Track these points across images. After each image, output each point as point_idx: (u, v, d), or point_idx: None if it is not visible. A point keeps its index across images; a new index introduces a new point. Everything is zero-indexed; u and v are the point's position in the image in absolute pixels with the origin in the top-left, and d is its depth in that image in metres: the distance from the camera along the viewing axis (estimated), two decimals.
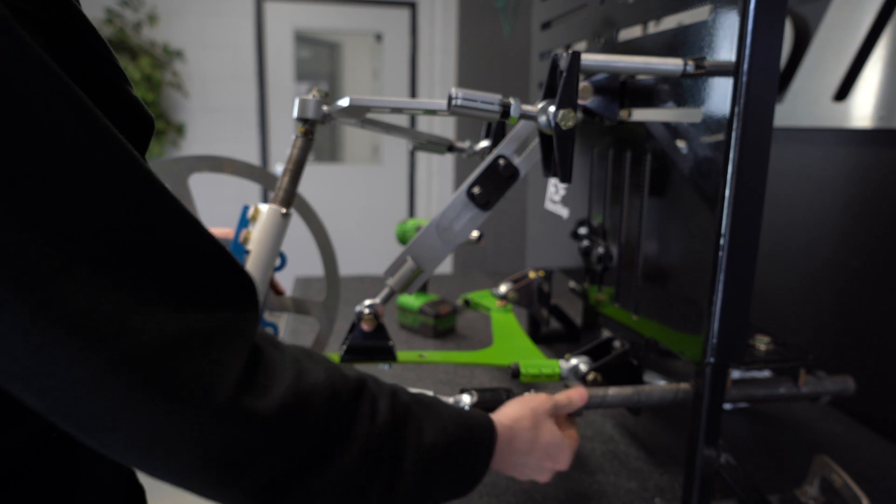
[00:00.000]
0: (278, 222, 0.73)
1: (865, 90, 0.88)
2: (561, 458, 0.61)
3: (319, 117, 0.70)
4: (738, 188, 0.57)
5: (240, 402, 0.36)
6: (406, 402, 0.48)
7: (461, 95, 0.58)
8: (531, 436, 0.59)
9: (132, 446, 0.35)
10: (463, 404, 0.65)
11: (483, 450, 0.53)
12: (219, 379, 0.35)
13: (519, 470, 0.60)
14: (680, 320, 0.65)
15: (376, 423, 0.44)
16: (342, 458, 0.41)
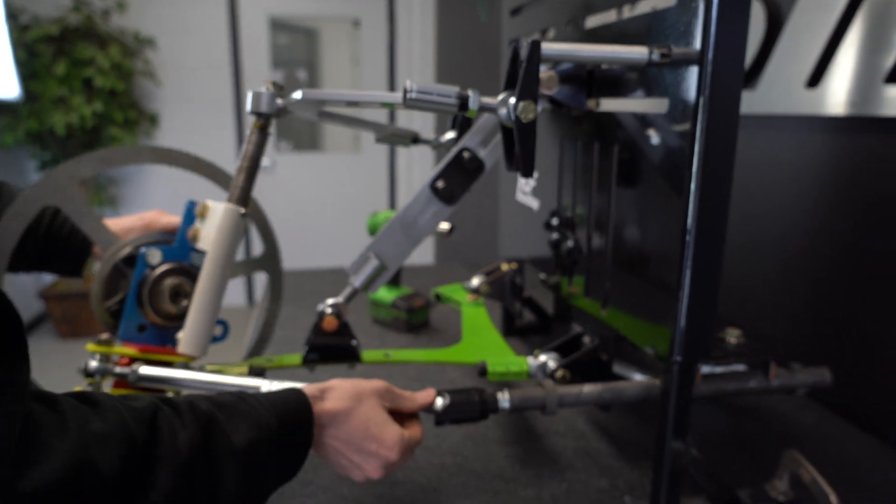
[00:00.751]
0: (237, 222, 0.70)
1: (838, 76, 0.87)
2: (385, 439, 0.57)
3: (274, 111, 0.67)
4: (704, 178, 0.55)
5: (16, 486, 0.34)
6: (206, 412, 0.48)
7: (416, 88, 0.55)
8: (348, 406, 0.57)
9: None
10: (435, 408, 0.62)
11: (302, 429, 0.53)
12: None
13: (340, 450, 0.57)
14: (649, 314, 0.63)
15: (179, 445, 0.43)
16: (154, 491, 0.41)
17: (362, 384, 0.60)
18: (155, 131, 3.55)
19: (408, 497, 0.68)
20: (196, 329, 0.66)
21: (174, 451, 0.43)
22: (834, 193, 0.91)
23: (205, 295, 0.66)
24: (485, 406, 0.63)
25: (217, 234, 0.66)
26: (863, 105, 0.84)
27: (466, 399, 0.62)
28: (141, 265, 0.69)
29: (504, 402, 0.63)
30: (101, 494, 0.38)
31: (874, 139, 0.84)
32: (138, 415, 0.43)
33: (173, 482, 0.42)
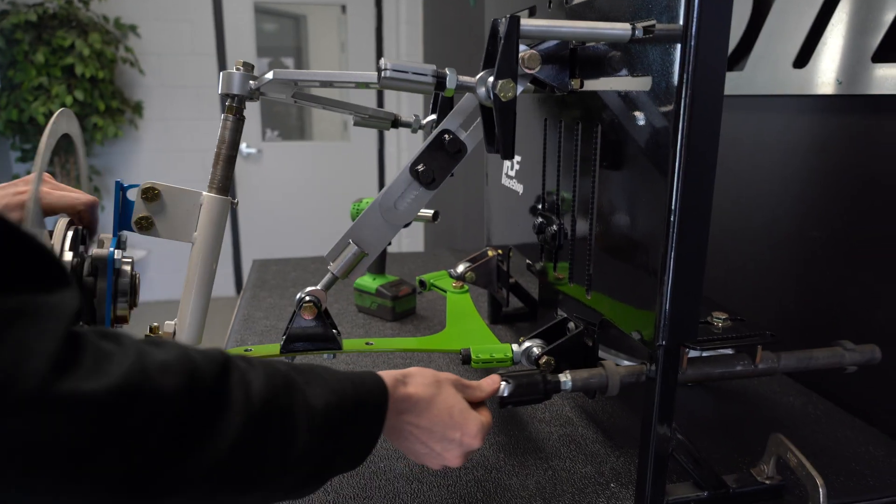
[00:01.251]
0: (224, 211, 0.68)
1: (826, 56, 0.85)
2: (468, 427, 0.56)
3: (246, 92, 0.65)
4: (688, 157, 0.53)
5: (57, 387, 0.32)
6: (283, 372, 0.46)
7: (390, 66, 0.53)
8: (430, 392, 0.56)
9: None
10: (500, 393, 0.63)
11: (376, 405, 0.51)
12: (21, 364, 0.31)
13: (422, 439, 0.56)
14: (633, 298, 0.62)
15: (252, 395, 0.41)
16: (220, 436, 0.38)
17: (439, 373, 0.59)
18: (139, 120, 3.50)
19: (388, 486, 0.66)
20: (194, 320, 0.64)
21: (246, 399, 0.40)
22: (822, 174, 0.89)
23: (201, 286, 0.65)
24: (548, 388, 0.64)
25: (210, 226, 0.64)
26: (849, 84, 0.82)
27: (531, 382, 0.63)
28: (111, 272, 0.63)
29: (566, 383, 0.64)
30: (158, 422, 0.36)
31: (862, 118, 0.83)
32: (209, 356, 0.41)
33: (243, 431, 0.39)
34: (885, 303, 0.81)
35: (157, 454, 0.35)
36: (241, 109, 0.66)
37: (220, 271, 3.96)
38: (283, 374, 0.45)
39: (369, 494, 0.65)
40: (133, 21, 3.35)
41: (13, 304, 0.32)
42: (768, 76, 0.94)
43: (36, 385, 0.31)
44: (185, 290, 0.67)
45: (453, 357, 0.98)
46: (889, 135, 0.79)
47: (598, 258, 0.69)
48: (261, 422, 0.41)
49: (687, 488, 0.64)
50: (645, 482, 0.62)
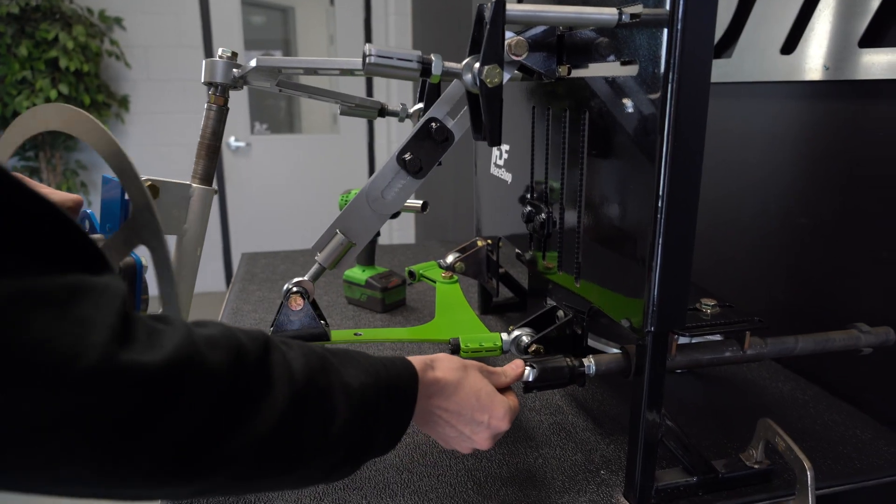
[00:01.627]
0: (208, 201, 0.67)
1: (813, 42, 0.85)
2: (496, 409, 0.58)
3: (230, 80, 0.64)
4: (675, 145, 0.53)
5: (118, 358, 0.32)
6: (319, 353, 0.46)
7: (375, 52, 0.53)
8: (458, 377, 0.57)
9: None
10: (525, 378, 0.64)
11: (407, 387, 0.52)
12: (85, 338, 0.31)
13: (451, 422, 0.57)
14: (622, 285, 0.62)
15: (294, 372, 0.42)
16: (265, 412, 0.39)
17: (465, 359, 0.60)
18: (125, 114, 3.46)
19: (379, 476, 0.66)
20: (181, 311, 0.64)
21: (290, 377, 0.41)
22: (809, 160, 0.90)
23: (185, 278, 0.64)
24: (573, 373, 0.64)
25: (198, 218, 0.64)
26: (836, 70, 0.82)
27: (556, 367, 0.64)
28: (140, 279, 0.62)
29: (590, 367, 0.65)
30: (207, 396, 0.36)
31: (849, 104, 0.83)
32: (252, 335, 0.41)
33: (287, 408, 0.40)
34: (872, 288, 0.82)
35: (206, 428, 0.36)
36: (225, 98, 0.65)
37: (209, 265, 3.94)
38: (318, 354, 0.46)
39: (359, 485, 0.65)
40: (118, 13, 3.31)
41: (73, 281, 0.33)
42: (756, 63, 0.94)
43: (99, 357, 0.31)
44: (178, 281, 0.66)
45: (442, 347, 0.98)
46: (875, 120, 0.80)
47: (587, 246, 0.69)
48: (303, 400, 0.41)
49: (676, 474, 0.65)
50: (635, 468, 0.62)
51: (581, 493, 0.64)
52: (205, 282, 4.00)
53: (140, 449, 0.34)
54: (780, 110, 0.93)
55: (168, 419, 0.34)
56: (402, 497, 0.63)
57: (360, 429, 0.46)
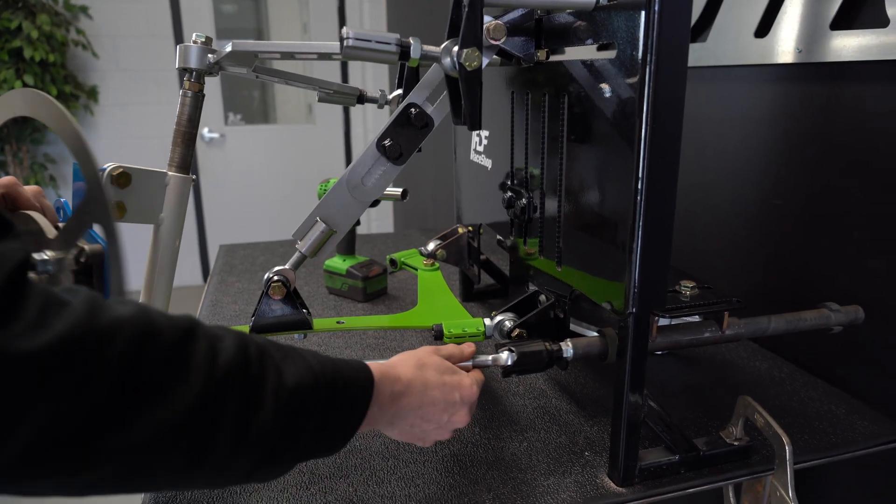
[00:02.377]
0: (186, 190, 0.66)
1: (786, 25, 0.86)
2: (463, 383, 0.58)
3: (205, 66, 0.62)
4: (654, 127, 0.53)
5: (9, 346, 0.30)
6: (261, 345, 0.44)
7: (353, 35, 0.52)
8: (419, 373, 0.56)
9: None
10: (502, 363, 0.64)
11: (358, 390, 0.50)
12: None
13: (428, 415, 0.56)
14: (603, 269, 0.62)
15: (218, 365, 0.39)
16: (171, 402, 0.37)
17: (413, 351, 0.60)
18: (94, 105, 3.38)
19: (364, 464, 0.66)
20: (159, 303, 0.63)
21: (209, 367, 0.39)
22: (784, 142, 0.91)
23: (164, 269, 0.63)
24: (551, 357, 0.65)
25: (176, 207, 0.62)
26: (809, 53, 0.84)
27: (534, 350, 0.64)
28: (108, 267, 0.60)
29: (568, 350, 0.65)
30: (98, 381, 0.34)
31: (821, 86, 0.84)
32: (174, 321, 0.39)
33: (201, 396, 0.38)
34: (845, 266, 0.83)
35: (96, 416, 0.34)
36: (201, 85, 0.64)
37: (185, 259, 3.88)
38: (259, 348, 0.43)
39: (345, 473, 0.65)
40: (83, 2, 3.22)
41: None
42: (730, 46, 0.95)
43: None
44: (149, 273, 0.65)
45: (425, 334, 0.98)
46: (847, 101, 0.81)
47: (568, 231, 0.69)
48: (221, 392, 0.39)
49: (659, 453, 0.66)
50: (618, 449, 0.63)
51: (566, 474, 0.65)
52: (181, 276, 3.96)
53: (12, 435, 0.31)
54: (755, 93, 0.94)
55: (48, 405, 0.32)
56: (388, 483, 0.63)
57: (286, 429, 0.43)
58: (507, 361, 0.64)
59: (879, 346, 0.80)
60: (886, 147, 0.76)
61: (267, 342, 0.45)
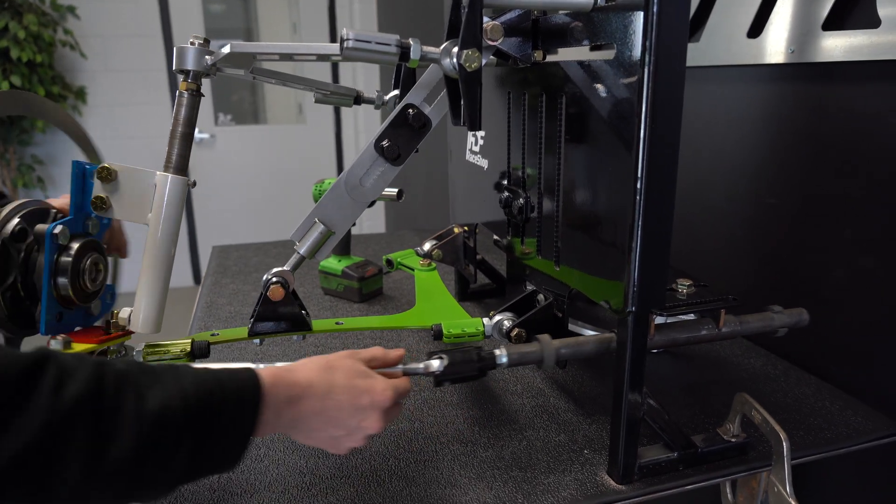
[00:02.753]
0: (181, 192, 0.66)
1: (778, 26, 0.87)
2: (375, 387, 0.55)
3: (202, 67, 0.62)
4: (653, 127, 0.54)
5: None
6: (122, 372, 0.44)
7: (353, 36, 0.52)
8: (325, 375, 0.54)
9: None
10: (433, 370, 0.61)
11: (243, 401, 0.48)
12: None
13: (333, 419, 0.54)
14: (602, 268, 0.63)
15: (63, 397, 0.40)
16: (13, 435, 0.38)
17: (326, 356, 0.57)
18: (82, 106, 3.35)
19: (365, 465, 0.66)
20: (152, 306, 0.62)
21: (52, 400, 0.39)
22: (777, 141, 0.92)
23: (159, 270, 0.63)
24: (483, 364, 0.61)
25: (167, 207, 0.62)
26: (801, 53, 0.84)
27: (465, 358, 0.61)
28: (51, 247, 0.61)
29: (502, 357, 0.62)
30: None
31: (813, 85, 0.85)
32: (17, 357, 0.40)
33: (40, 433, 0.38)
34: (838, 264, 0.84)
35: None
36: (198, 85, 0.64)
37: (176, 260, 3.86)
38: (119, 374, 0.43)
39: (347, 473, 0.65)
40: (71, 2, 3.19)
41: None
42: (723, 47, 0.96)
43: None
44: (142, 275, 0.65)
45: (422, 334, 0.98)
46: (838, 100, 0.82)
47: (566, 231, 0.70)
48: (65, 424, 0.39)
49: (657, 450, 0.66)
50: (618, 447, 0.63)
51: (566, 472, 0.65)
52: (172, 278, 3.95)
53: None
54: (748, 93, 0.95)
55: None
56: (389, 483, 0.63)
57: (152, 455, 0.43)
58: (439, 369, 0.61)
59: (872, 342, 0.81)
60: (878, 147, 0.77)
61: (137, 368, 0.45)
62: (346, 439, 0.55)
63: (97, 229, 0.65)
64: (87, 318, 0.66)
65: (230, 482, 0.63)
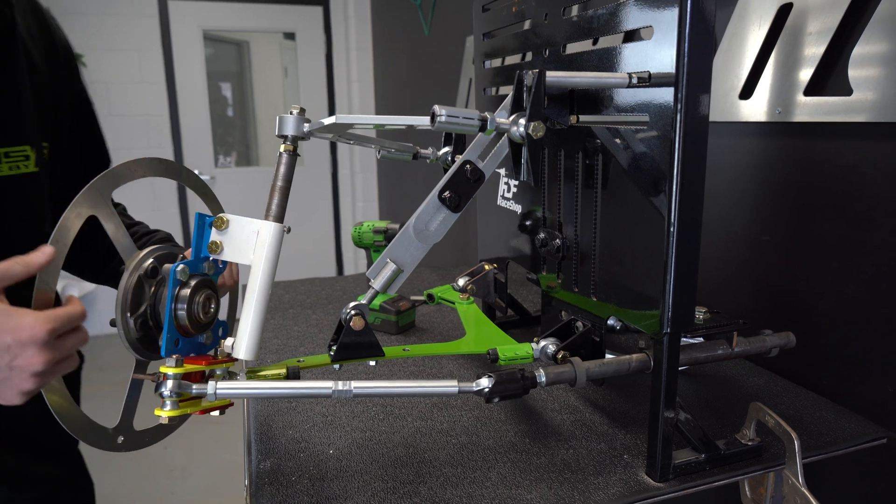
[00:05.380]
0: (279, 237, 0.76)
1: (766, 90, 1.03)
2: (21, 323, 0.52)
3: (300, 133, 0.74)
4: (683, 179, 0.67)
5: None
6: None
7: (445, 113, 0.64)
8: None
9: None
10: (484, 388, 0.72)
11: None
12: None
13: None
14: (636, 299, 0.75)
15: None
16: None
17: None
18: None
19: (436, 472, 0.76)
20: (252, 335, 0.72)
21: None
22: (768, 188, 1.06)
23: (259, 303, 0.72)
24: (527, 383, 0.73)
25: (267, 250, 0.73)
26: (787, 113, 0.99)
27: (511, 378, 0.72)
28: (174, 282, 0.72)
29: (541, 376, 0.74)
30: None
31: (798, 141, 1.00)
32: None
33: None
34: (823, 291, 0.98)
35: None
36: (295, 148, 0.75)
37: None
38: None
39: (423, 478, 0.75)
40: (79, 50, 3.30)
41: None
42: (719, 107, 1.11)
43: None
44: (244, 308, 0.75)
45: (482, 359, 1.08)
46: (820, 153, 0.97)
47: (602, 267, 0.82)
48: None
49: (687, 453, 0.77)
50: (656, 451, 0.74)
51: (611, 474, 0.76)
52: None
53: None
54: (742, 146, 1.10)
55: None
56: (462, 485, 0.73)
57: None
58: (488, 386, 0.71)
59: (859, 359, 0.94)
60: (853, 194, 0.92)
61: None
62: (6, 383, 0.53)
63: (212, 270, 0.76)
64: (201, 347, 0.75)
65: (323, 487, 0.73)
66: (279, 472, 0.77)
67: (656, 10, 0.66)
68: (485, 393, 0.72)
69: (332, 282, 1.65)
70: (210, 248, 0.73)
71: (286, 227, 0.77)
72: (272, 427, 0.88)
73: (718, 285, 1.18)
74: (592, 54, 0.79)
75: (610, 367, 0.79)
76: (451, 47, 2.39)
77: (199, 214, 0.73)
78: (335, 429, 0.87)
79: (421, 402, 0.95)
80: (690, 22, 0.63)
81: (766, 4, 1.00)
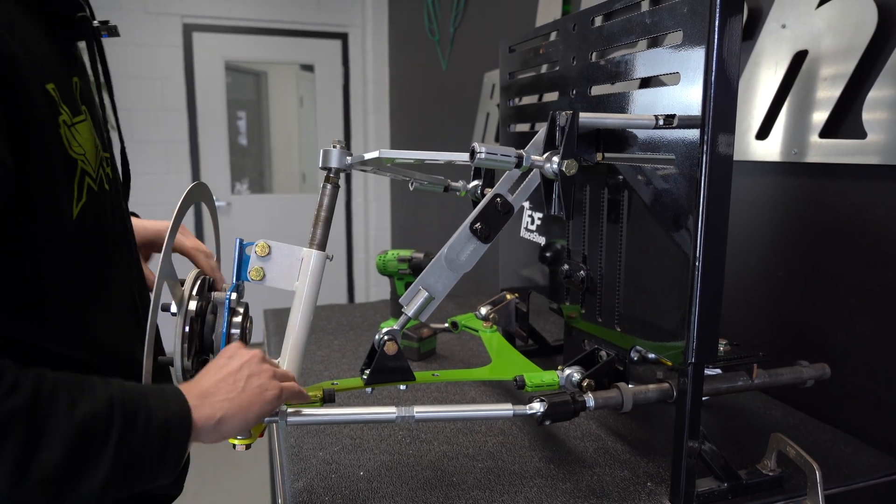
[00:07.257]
0: (322, 264, 0.80)
1: (781, 131, 1.07)
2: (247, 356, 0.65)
3: (343, 165, 0.78)
4: (708, 219, 0.70)
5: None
6: (53, 380, 0.49)
7: (485, 150, 0.68)
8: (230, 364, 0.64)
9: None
10: (535, 411, 0.75)
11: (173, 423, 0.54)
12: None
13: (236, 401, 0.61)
14: (660, 331, 0.78)
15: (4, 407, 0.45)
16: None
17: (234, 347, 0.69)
18: None
19: (465, 495, 0.78)
20: (296, 358, 0.75)
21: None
22: (784, 225, 1.10)
23: (302, 329, 0.76)
24: (576, 406, 0.77)
25: (311, 276, 0.76)
26: (802, 154, 1.03)
27: (562, 401, 0.76)
28: (229, 311, 0.75)
29: (590, 401, 0.77)
30: None
31: (813, 180, 1.04)
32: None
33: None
34: (838, 326, 1.00)
35: None
36: (338, 179, 0.79)
37: None
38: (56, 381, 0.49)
39: (452, 501, 0.77)
40: None
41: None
42: (737, 147, 1.15)
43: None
44: (288, 332, 0.78)
45: (508, 385, 1.11)
46: (833, 193, 1.00)
47: (626, 299, 0.85)
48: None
49: (709, 481, 0.79)
50: (679, 479, 0.76)
51: (636, 500, 0.78)
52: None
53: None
54: (758, 184, 1.14)
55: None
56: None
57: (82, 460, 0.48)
58: (541, 410, 0.75)
59: (873, 393, 0.96)
60: (867, 232, 0.95)
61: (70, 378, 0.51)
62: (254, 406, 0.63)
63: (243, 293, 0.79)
64: None
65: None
66: (312, 493, 0.80)
67: (683, 55, 0.71)
68: (538, 416, 0.76)
69: (352, 309, 1.69)
70: (252, 273, 0.77)
71: (329, 255, 0.80)
72: (303, 449, 0.90)
73: (735, 318, 1.20)
74: (618, 95, 0.83)
75: (650, 394, 0.82)
76: (468, 83, 2.46)
77: (239, 240, 0.76)
78: (364, 451, 0.90)
79: (446, 426, 0.97)
80: (717, 68, 0.67)
81: (781, 51, 1.05)
